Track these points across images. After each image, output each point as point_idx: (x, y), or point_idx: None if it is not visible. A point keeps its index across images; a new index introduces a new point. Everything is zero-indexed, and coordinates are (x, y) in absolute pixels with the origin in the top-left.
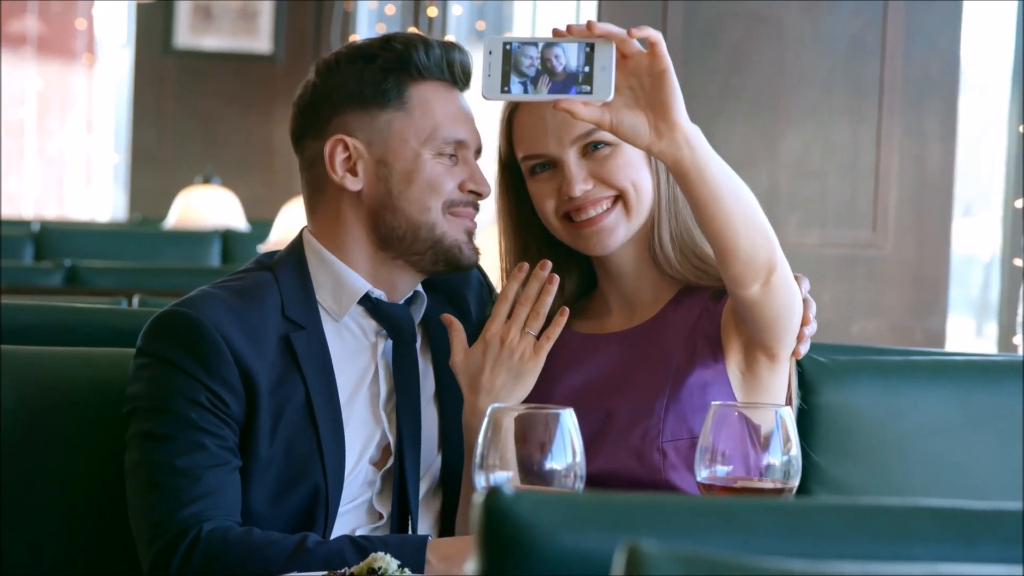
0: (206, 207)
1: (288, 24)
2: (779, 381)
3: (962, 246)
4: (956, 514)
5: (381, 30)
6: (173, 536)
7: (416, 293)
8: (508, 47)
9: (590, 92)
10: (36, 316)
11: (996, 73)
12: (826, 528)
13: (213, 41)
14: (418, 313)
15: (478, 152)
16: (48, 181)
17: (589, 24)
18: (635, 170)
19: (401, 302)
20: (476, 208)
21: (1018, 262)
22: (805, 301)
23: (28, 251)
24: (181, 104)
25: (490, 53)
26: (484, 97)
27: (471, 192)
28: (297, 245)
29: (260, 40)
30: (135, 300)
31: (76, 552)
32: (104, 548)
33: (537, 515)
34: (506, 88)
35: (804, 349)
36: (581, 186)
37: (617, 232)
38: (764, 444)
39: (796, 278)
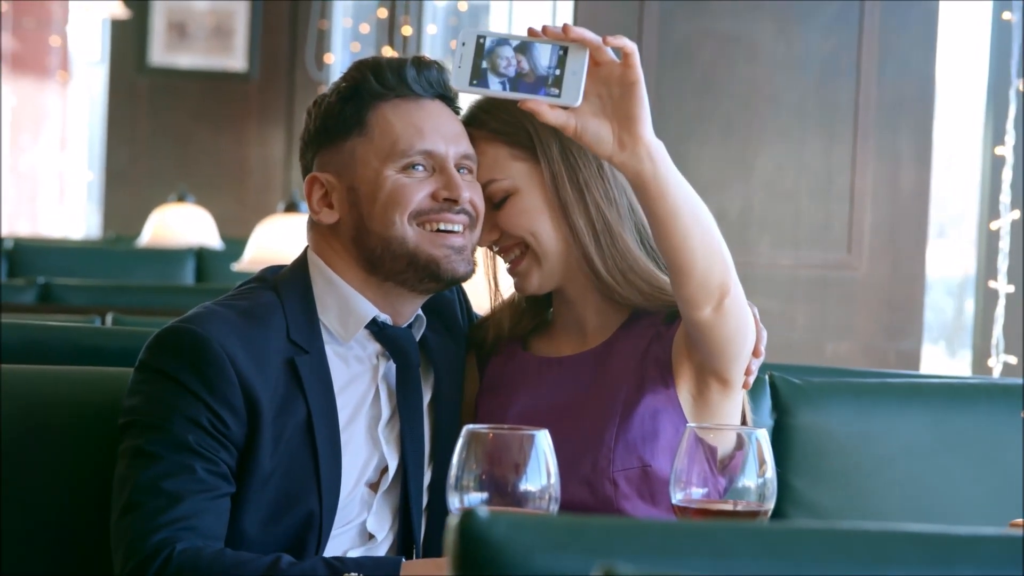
0: (180, 225)
1: (263, 42)
2: (732, 407)
3: (936, 268)
4: (934, 539)
5: (355, 49)
6: (146, 556)
7: (416, 316)
8: (481, 40)
9: (558, 95)
10: (9, 334)
11: (970, 95)
12: (802, 552)
13: (187, 59)
14: (418, 334)
15: (467, 160)
16: (21, 198)
17: (565, 27)
18: (531, 218)
19: (405, 325)
20: (462, 215)
21: (992, 284)
22: (757, 332)
23: (1, 268)
24: (155, 122)
25: (463, 44)
26: (452, 87)
27: (446, 200)
28: (302, 265)
29: (235, 58)
30: (108, 318)
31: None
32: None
33: (512, 537)
34: (475, 81)
35: (752, 380)
36: (487, 236)
37: (531, 277)
38: (739, 467)
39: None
